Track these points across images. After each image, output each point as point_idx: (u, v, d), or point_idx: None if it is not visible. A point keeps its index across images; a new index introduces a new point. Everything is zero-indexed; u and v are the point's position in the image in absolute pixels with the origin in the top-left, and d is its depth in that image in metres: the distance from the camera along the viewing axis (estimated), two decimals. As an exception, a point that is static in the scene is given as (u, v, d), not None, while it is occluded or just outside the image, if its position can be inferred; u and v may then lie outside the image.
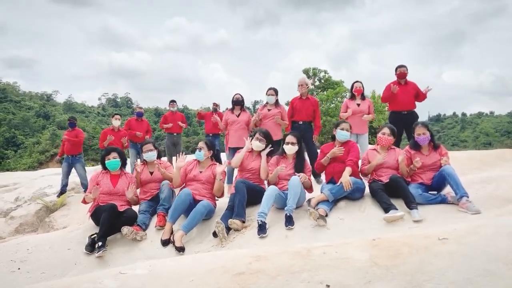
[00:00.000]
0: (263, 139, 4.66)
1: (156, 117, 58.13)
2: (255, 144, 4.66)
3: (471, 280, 1.87)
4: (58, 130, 41.69)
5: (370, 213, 4.00)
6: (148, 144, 4.94)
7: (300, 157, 4.55)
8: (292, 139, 4.51)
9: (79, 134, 7.90)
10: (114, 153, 4.65)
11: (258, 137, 4.68)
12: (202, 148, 4.66)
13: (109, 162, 4.60)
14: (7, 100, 50.97)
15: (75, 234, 4.52)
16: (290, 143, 4.49)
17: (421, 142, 4.35)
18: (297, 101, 6.20)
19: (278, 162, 4.57)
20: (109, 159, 4.60)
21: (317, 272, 2.10)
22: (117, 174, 4.67)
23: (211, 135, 8.14)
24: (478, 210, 3.67)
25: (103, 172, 4.67)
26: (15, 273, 3.82)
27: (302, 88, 6.15)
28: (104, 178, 4.60)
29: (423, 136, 4.33)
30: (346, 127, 4.51)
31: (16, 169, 32.73)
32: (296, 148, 4.50)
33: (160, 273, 2.31)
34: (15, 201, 8.64)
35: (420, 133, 4.35)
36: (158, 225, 4.35)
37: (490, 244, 2.18)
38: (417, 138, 4.37)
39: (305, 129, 6.04)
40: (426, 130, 4.35)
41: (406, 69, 6.18)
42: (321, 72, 26.89)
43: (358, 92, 6.34)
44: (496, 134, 57.15)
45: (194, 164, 4.74)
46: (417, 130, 4.38)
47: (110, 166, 4.61)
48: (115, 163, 4.62)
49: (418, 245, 2.31)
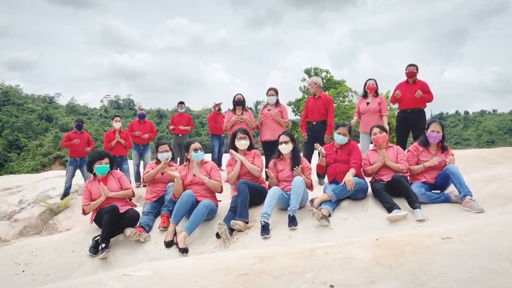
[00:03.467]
0: (245, 136, 4.69)
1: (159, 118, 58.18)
2: (241, 144, 4.66)
3: (474, 279, 1.87)
4: (61, 132, 41.72)
5: (373, 213, 4.00)
6: (165, 145, 4.96)
7: (296, 156, 4.53)
8: (285, 138, 4.50)
9: (90, 140, 7.94)
10: (107, 158, 4.64)
11: (240, 136, 4.68)
12: (200, 148, 4.63)
13: (100, 167, 4.56)
14: (10, 103, 51.10)
15: (79, 236, 4.54)
16: (283, 142, 4.48)
17: (432, 139, 4.30)
18: (311, 100, 6.18)
19: (275, 164, 4.58)
20: (101, 163, 4.57)
21: (320, 272, 2.10)
22: (104, 177, 4.65)
23: (217, 136, 8.20)
24: (481, 209, 3.67)
25: (90, 181, 4.64)
26: (20, 276, 3.84)
27: (312, 88, 6.17)
28: (93, 186, 4.56)
29: (436, 134, 4.27)
30: (343, 132, 4.47)
31: (20, 171, 32.88)
32: (291, 146, 4.49)
33: (164, 274, 2.32)
34: (19, 203, 8.66)
35: (434, 130, 4.27)
36: (161, 226, 4.35)
37: (493, 242, 2.18)
38: (430, 134, 4.30)
39: (319, 129, 5.99)
40: (440, 129, 4.29)
41: (415, 68, 6.16)
42: (323, 71, 26.86)
43: (370, 90, 6.23)
44: (499, 132, 56.87)
45: (186, 169, 4.69)
46: (433, 126, 4.30)
47: (99, 171, 4.57)
48: (105, 169, 4.60)
49: (421, 244, 2.31)
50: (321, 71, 26.98)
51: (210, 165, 4.72)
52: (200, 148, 4.62)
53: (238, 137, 4.68)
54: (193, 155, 4.57)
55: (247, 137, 4.72)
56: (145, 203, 4.83)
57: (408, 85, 6.18)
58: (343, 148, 4.50)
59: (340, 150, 4.50)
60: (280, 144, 4.51)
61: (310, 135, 6.05)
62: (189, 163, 4.65)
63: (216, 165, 4.84)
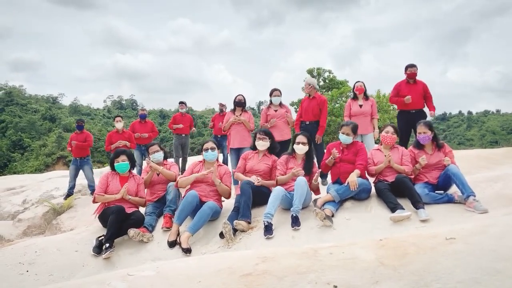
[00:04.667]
0: (265, 137, 4.68)
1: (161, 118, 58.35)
2: (260, 144, 4.66)
3: (478, 280, 1.86)
4: (64, 132, 41.96)
5: (376, 213, 4.00)
6: (154, 145, 4.98)
7: (310, 158, 4.53)
8: (303, 139, 4.49)
9: (88, 137, 7.95)
10: (123, 155, 4.68)
11: (260, 136, 4.68)
12: (214, 148, 4.65)
13: (118, 165, 4.63)
14: (14, 103, 51.36)
15: (83, 236, 4.55)
16: (301, 143, 4.48)
17: (422, 141, 4.36)
18: (306, 101, 6.24)
19: (287, 161, 4.56)
20: (118, 161, 4.64)
21: (324, 273, 2.10)
22: (126, 177, 4.71)
23: (220, 136, 8.23)
24: (485, 209, 3.65)
25: (112, 173, 4.70)
26: (24, 276, 3.85)
27: (306, 88, 6.21)
28: (113, 180, 4.64)
29: (424, 135, 4.33)
30: (347, 131, 4.45)
31: (23, 172, 33.05)
32: (306, 148, 4.49)
33: (168, 274, 2.32)
34: (23, 203, 8.71)
35: (421, 132, 4.34)
36: (164, 227, 4.36)
37: (497, 243, 2.17)
38: (418, 136, 4.39)
39: (311, 129, 6.03)
40: (427, 129, 4.33)
41: (416, 68, 6.14)
42: (326, 72, 26.81)
43: (359, 91, 6.32)
44: (503, 132, 56.68)
45: (200, 165, 4.72)
46: (419, 128, 4.39)
47: (119, 169, 4.65)
48: (124, 166, 4.65)
49: (425, 245, 2.31)
50: (324, 71, 26.92)
51: (224, 169, 4.72)
52: (213, 148, 4.63)
53: (258, 138, 4.69)
54: (204, 154, 4.60)
55: (267, 138, 4.70)
56: (147, 203, 4.85)
57: (408, 85, 6.16)
58: (350, 148, 4.48)
59: (347, 150, 4.49)
60: (297, 144, 4.50)
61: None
62: (204, 162, 4.69)
63: (228, 170, 4.81)
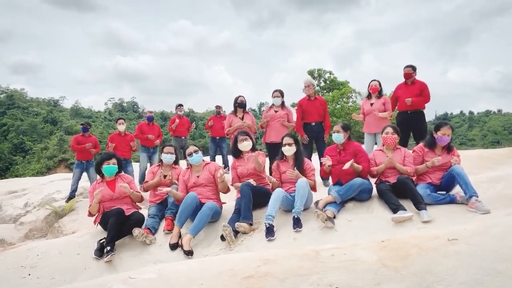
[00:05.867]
0: (247, 137, 4.70)
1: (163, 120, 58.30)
2: (245, 144, 4.66)
3: (480, 281, 1.85)
4: (65, 135, 42.03)
5: (378, 214, 3.99)
6: (170, 147, 5.05)
7: (299, 158, 4.51)
8: (289, 140, 4.50)
9: (95, 142, 7.96)
10: (114, 159, 4.67)
11: (242, 138, 4.69)
12: (197, 150, 4.66)
13: (108, 167, 4.58)
14: (15, 106, 51.48)
15: (84, 239, 4.55)
16: (287, 144, 4.48)
17: (442, 142, 4.30)
18: (306, 102, 6.18)
19: (278, 166, 4.58)
20: (109, 164, 4.59)
21: (326, 275, 2.09)
22: (113, 179, 4.68)
23: (218, 138, 8.21)
24: (487, 210, 3.64)
25: (98, 182, 4.67)
26: (25, 279, 3.85)
27: (309, 89, 6.16)
28: (102, 186, 4.57)
29: (447, 138, 4.28)
30: (336, 129, 4.50)
31: (25, 175, 33.07)
32: (294, 149, 4.48)
33: (170, 277, 2.32)
34: (24, 206, 8.71)
35: (445, 133, 4.27)
36: (166, 229, 4.36)
37: (499, 244, 2.17)
38: (440, 137, 4.29)
39: (318, 130, 6.07)
40: (451, 132, 4.30)
41: (412, 69, 6.08)
42: (326, 73, 26.83)
43: (373, 91, 6.23)
44: (504, 132, 56.52)
45: (188, 172, 4.70)
46: (444, 129, 4.29)
47: (107, 171, 4.59)
48: (113, 169, 4.62)
49: (427, 246, 2.30)
50: (325, 72, 26.95)
51: (214, 166, 4.73)
52: (196, 151, 4.64)
53: (240, 140, 4.69)
54: (190, 159, 4.62)
55: (248, 137, 4.73)
56: (150, 205, 4.85)
57: (407, 86, 6.14)
58: (346, 149, 4.48)
59: (344, 151, 4.49)
60: (283, 146, 4.50)
61: (310, 136, 6.12)
62: (191, 167, 4.70)
63: (218, 165, 4.80)
